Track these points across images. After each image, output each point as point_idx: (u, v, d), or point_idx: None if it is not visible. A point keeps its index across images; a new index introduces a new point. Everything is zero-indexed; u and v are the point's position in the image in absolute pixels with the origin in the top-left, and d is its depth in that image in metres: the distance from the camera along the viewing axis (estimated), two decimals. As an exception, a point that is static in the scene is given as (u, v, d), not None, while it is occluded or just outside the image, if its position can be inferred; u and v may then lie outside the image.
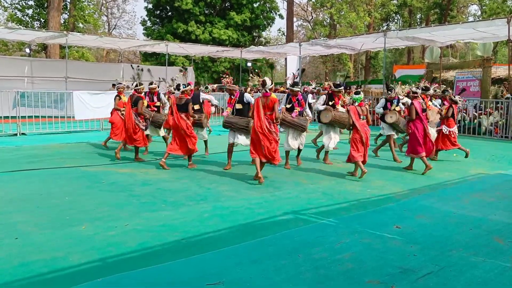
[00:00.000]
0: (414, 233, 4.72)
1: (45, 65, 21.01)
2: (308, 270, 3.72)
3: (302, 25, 49.49)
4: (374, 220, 5.20)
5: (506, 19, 13.32)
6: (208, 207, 5.64)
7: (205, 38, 28.35)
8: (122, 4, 56.90)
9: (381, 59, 36.33)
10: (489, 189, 6.90)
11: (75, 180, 7.12)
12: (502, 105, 13.42)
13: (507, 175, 8.08)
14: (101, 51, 41.33)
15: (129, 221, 4.97)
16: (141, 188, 6.65)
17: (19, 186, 6.64)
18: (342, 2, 32.35)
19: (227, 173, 7.85)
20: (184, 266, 3.80)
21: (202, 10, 29.34)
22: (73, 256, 3.94)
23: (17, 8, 29.64)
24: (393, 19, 42.33)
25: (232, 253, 4.09)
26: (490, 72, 15.62)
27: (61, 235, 4.50)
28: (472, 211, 5.61)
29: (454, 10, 37.55)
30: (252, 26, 31.33)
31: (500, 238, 4.58)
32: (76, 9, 28.93)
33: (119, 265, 3.78)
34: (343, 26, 33.09)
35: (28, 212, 5.31)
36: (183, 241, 4.40)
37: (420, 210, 5.63)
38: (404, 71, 26.36)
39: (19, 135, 12.83)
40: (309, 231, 4.73)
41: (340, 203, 5.94)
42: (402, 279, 3.57)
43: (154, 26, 32.09)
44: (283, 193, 6.44)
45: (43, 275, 3.56)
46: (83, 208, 5.51)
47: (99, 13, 40.44)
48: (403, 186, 6.99)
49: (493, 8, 31.73)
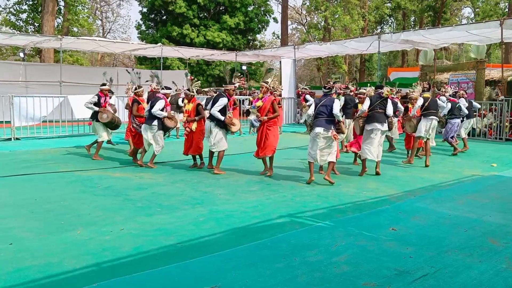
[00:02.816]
0: (410, 235, 4.74)
1: (39, 69, 20.92)
2: (304, 273, 3.72)
3: (297, 28, 49.63)
4: (369, 222, 5.21)
5: (499, 22, 13.40)
6: (204, 211, 5.63)
7: (200, 41, 28.38)
8: (117, 8, 56.76)
9: (375, 61, 36.47)
10: (483, 191, 6.93)
11: (70, 185, 7.09)
12: (496, 107, 13.49)
13: (502, 176, 8.13)
14: (95, 55, 41.29)
15: (124, 226, 4.95)
16: (136, 192, 6.62)
17: (13, 191, 6.60)
18: (337, 5, 32.47)
19: (222, 177, 7.84)
20: (180, 270, 3.78)
21: (196, 14, 29.37)
22: (68, 261, 3.92)
23: (11, 13, 29.56)
24: (387, 22, 42.54)
25: (228, 256, 4.08)
26: (484, 74, 15.69)
27: (55, 240, 4.48)
28: (467, 213, 5.63)
29: (448, 12, 37.77)
30: (246, 29, 31.37)
31: (494, 239, 4.60)
32: (70, 13, 28.84)
33: (114, 270, 3.76)
34: (337, 29, 33.19)
35: (23, 217, 5.28)
36: (178, 245, 4.39)
37: (415, 212, 5.65)
38: (399, 74, 26.48)
39: (13, 140, 12.75)
40: (304, 234, 4.73)
41: (335, 206, 5.94)
42: (398, 281, 3.57)
43: (149, 30, 32.09)
44: (279, 196, 6.44)
45: (38, 281, 3.54)
46: (78, 212, 5.48)
47: (94, 17, 40.35)
48: (398, 188, 7.01)
49: (486, 10, 31.95)
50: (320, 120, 7.09)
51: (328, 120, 7.06)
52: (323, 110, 7.09)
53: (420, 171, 8.49)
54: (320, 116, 7.10)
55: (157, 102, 8.40)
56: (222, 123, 7.97)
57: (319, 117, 7.11)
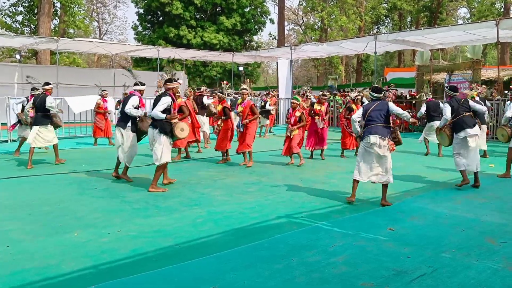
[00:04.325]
0: (408, 235, 4.74)
1: (36, 71, 20.83)
2: (302, 273, 3.72)
3: (293, 29, 49.71)
4: (367, 222, 5.22)
5: (494, 22, 13.47)
6: (202, 212, 5.62)
7: (196, 42, 28.38)
8: (113, 9, 56.70)
9: (372, 62, 36.53)
10: (481, 190, 6.95)
11: (67, 187, 7.07)
12: (492, 107, 13.53)
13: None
14: (92, 57, 41.21)
15: (122, 227, 4.94)
16: (133, 194, 6.61)
17: (10, 193, 6.58)
18: (333, 6, 32.55)
19: (220, 178, 7.83)
20: (178, 271, 3.78)
21: (193, 15, 29.37)
22: (66, 263, 3.91)
23: (7, 15, 29.48)
24: (383, 23, 42.66)
25: (226, 257, 4.08)
26: (480, 74, 15.76)
27: (53, 242, 4.46)
28: (464, 212, 5.65)
29: (444, 13, 37.93)
30: (243, 30, 31.40)
31: (492, 239, 4.62)
32: (66, 15, 28.79)
33: (112, 272, 3.75)
34: (334, 29, 33.26)
35: (20, 219, 5.26)
36: (176, 246, 4.39)
37: (413, 212, 5.66)
38: (395, 74, 26.56)
39: (10, 142, 12.72)
40: (302, 235, 4.73)
41: (333, 206, 5.95)
42: (396, 281, 3.58)
43: (146, 31, 32.08)
44: (277, 197, 6.44)
45: (36, 283, 3.53)
46: (76, 214, 5.47)
47: (90, 18, 40.31)
48: (395, 188, 7.01)
49: (482, 10, 32.10)
50: (374, 126, 5.97)
51: (385, 127, 6.02)
52: (376, 115, 6.02)
53: (418, 171, 8.51)
54: (374, 122, 6.00)
55: (130, 99, 7.44)
56: (167, 129, 6.73)
57: (372, 124, 6.00)
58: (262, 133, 15.31)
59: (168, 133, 6.73)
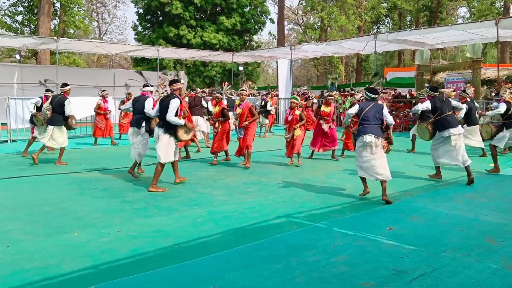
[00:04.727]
0: (407, 235, 4.74)
1: (36, 71, 20.85)
2: (302, 273, 3.72)
3: (293, 29, 49.71)
4: (367, 222, 5.22)
5: (494, 21, 13.45)
6: (202, 212, 5.62)
7: (196, 42, 28.38)
8: (113, 9, 56.70)
9: (372, 61, 36.54)
10: (481, 190, 6.95)
11: (67, 187, 7.07)
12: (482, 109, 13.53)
13: (499, 175, 8.15)
14: (92, 57, 41.21)
15: (122, 227, 4.94)
16: (133, 194, 6.61)
17: (10, 193, 6.58)
18: (333, 6, 32.54)
19: (220, 178, 7.83)
20: (178, 271, 3.78)
21: (193, 15, 29.37)
22: (65, 263, 3.91)
23: (6, 15, 29.47)
24: (383, 22, 42.66)
25: (226, 257, 4.08)
26: (480, 74, 15.75)
27: (53, 242, 4.46)
28: (464, 212, 5.65)
29: (443, 12, 37.94)
30: (242, 30, 31.40)
31: (492, 239, 4.62)
32: (66, 15, 28.79)
33: (112, 272, 3.75)
34: (333, 29, 33.25)
35: (20, 219, 5.26)
36: (176, 246, 4.39)
37: (413, 212, 5.66)
38: (395, 74, 26.56)
39: (10, 142, 12.72)
40: (302, 235, 4.73)
41: (333, 206, 5.95)
42: (395, 281, 3.58)
43: (146, 31, 32.08)
44: (277, 197, 6.44)
45: (35, 283, 3.53)
46: (75, 214, 5.47)
47: (90, 18, 40.30)
48: (395, 187, 7.02)
49: (482, 10, 32.08)
50: (369, 126, 6.19)
51: (379, 127, 6.27)
52: (372, 116, 6.24)
53: (417, 170, 8.51)
54: (368, 122, 6.22)
55: (146, 101, 7.60)
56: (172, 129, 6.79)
57: (367, 124, 6.22)
58: (262, 133, 15.32)
59: (172, 133, 6.79)
